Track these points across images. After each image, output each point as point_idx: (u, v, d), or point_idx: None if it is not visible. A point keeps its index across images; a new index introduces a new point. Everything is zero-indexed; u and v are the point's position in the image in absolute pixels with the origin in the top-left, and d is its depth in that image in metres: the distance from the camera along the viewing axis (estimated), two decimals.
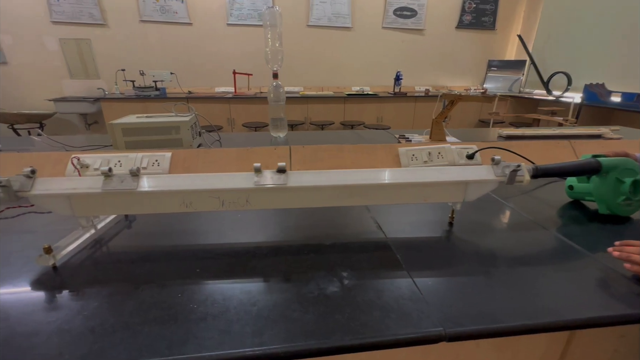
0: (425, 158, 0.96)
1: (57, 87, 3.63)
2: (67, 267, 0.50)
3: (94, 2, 3.50)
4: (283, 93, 1.39)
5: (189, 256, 0.54)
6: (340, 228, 0.64)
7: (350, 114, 3.89)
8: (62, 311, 0.41)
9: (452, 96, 1.27)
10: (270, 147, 0.95)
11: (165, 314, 0.40)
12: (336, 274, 0.48)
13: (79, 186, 0.53)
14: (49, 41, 3.54)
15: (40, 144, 1.20)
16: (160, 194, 0.53)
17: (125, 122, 1.04)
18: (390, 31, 4.25)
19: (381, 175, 0.57)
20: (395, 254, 0.54)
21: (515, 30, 4.49)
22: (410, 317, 0.40)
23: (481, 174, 0.60)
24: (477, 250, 0.56)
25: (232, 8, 3.79)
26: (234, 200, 0.56)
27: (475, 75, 4.68)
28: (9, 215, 0.67)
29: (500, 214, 0.72)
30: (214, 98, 3.61)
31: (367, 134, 1.50)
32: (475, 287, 0.46)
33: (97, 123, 3.87)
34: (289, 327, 0.38)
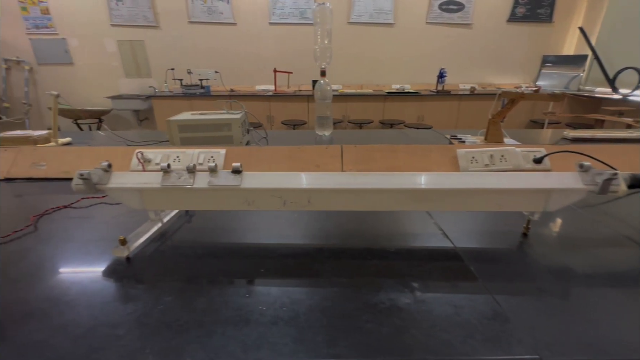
0: (486, 161, 0.89)
1: (114, 86, 3.92)
2: (138, 259, 0.52)
3: (149, 5, 3.72)
4: (330, 91, 1.37)
5: (251, 255, 0.53)
6: (402, 233, 0.60)
7: (389, 113, 3.80)
8: (139, 303, 0.42)
9: (513, 94, 1.18)
10: (322, 146, 0.93)
11: (236, 315, 0.40)
12: (406, 284, 0.45)
13: (150, 181, 0.54)
14: (108, 43, 3.83)
15: (103, 138, 1.29)
16: (227, 191, 0.53)
17: (181, 119, 1.08)
18: (435, 26, 4.07)
19: (452, 180, 0.53)
20: (467, 265, 0.50)
21: (576, 22, 4.11)
22: (497, 340, 0.36)
23: (567, 182, 0.53)
24: (561, 266, 0.50)
25: (274, 7, 3.84)
26: (296, 200, 0.55)
27: (527, 71, 4.35)
28: (83, 205, 0.72)
29: (583, 225, 0.64)
30: (254, 96, 3.70)
31: (414, 133, 1.44)
32: (565, 310, 0.41)
33: (147, 119, 4.13)
34: (364, 340, 0.36)
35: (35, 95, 3.98)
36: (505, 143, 1.20)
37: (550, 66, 4.22)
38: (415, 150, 0.93)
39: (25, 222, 0.64)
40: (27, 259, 0.52)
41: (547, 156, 0.89)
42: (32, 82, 3.93)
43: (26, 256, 0.52)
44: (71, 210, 0.70)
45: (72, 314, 0.40)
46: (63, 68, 3.89)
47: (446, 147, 0.94)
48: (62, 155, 0.93)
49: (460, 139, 1.26)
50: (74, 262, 0.51)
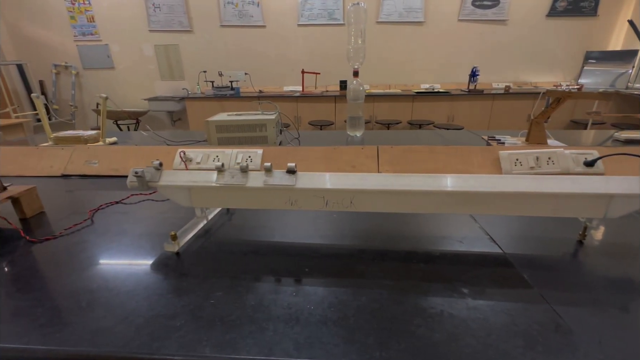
0: (532, 164, 0.85)
1: (150, 88, 4.12)
2: (187, 254, 0.54)
3: (183, 11, 3.88)
4: (362, 91, 1.36)
5: (294, 254, 0.54)
6: (446, 237, 0.59)
7: (418, 113, 3.71)
8: (192, 297, 0.43)
9: (559, 93, 1.12)
10: (357, 147, 0.93)
11: (285, 313, 0.40)
12: (455, 289, 0.44)
13: (198, 179, 0.56)
14: (146, 48, 4.03)
15: (145, 138, 1.36)
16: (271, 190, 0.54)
17: (219, 120, 1.11)
18: (468, 24, 3.94)
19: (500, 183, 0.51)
20: (519, 272, 0.48)
21: (625, 15, 3.81)
22: (560, 352, 0.34)
23: (631, 187, 0.50)
24: (622, 277, 0.47)
25: (303, 9, 3.88)
26: (339, 201, 0.55)
27: (568, 69, 4.10)
28: (132, 202, 0.76)
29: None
30: (282, 97, 3.75)
31: (447, 134, 1.40)
32: (631, 323, 0.38)
33: (180, 120, 4.31)
34: (416, 345, 0.35)
35: (81, 97, 4.27)
36: (549, 145, 1.14)
37: (594, 63, 3.95)
38: (454, 152, 0.90)
39: (83, 216, 0.68)
40: (88, 250, 0.55)
41: (601, 159, 0.84)
42: (77, 85, 4.21)
43: (86, 248, 0.56)
44: (122, 206, 0.74)
45: (133, 304, 0.42)
46: (105, 72, 4.14)
47: (487, 149, 0.90)
48: (111, 154, 0.99)
49: (499, 140, 1.21)
50: (128, 255, 0.54)
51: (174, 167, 0.92)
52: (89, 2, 3.83)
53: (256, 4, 3.86)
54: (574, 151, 0.87)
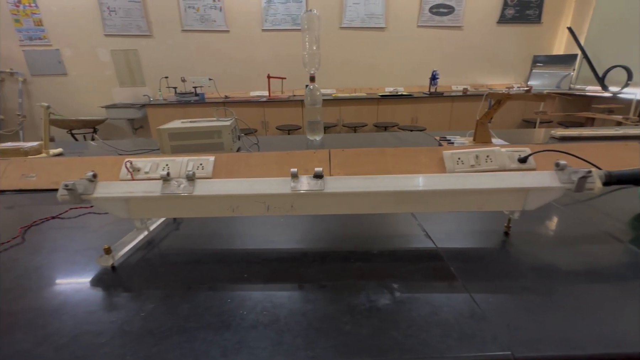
0: (472, 162, 0.91)
1: (108, 95, 3.92)
2: (124, 267, 0.53)
3: (141, 15, 3.75)
4: (320, 96, 1.39)
5: (236, 260, 0.54)
6: (387, 235, 0.61)
7: (383, 115, 3.83)
8: (122, 311, 0.42)
9: (499, 95, 1.20)
10: (310, 151, 0.94)
11: (218, 320, 0.40)
12: (387, 286, 0.46)
13: (136, 190, 0.55)
14: (102, 53, 3.85)
15: (95, 148, 1.30)
16: (212, 198, 0.54)
17: (172, 127, 1.09)
18: (426, 29, 4.12)
19: (432, 182, 0.54)
20: (448, 265, 0.51)
21: (565, 22, 4.17)
22: (473, 338, 0.37)
23: (544, 181, 0.54)
24: (540, 264, 0.51)
25: (267, 14, 3.88)
26: (279, 206, 0.56)
27: (519, 72, 4.41)
28: (72, 215, 0.72)
29: (563, 223, 0.66)
30: (249, 102, 3.71)
31: (405, 136, 1.46)
32: (543, 306, 0.42)
33: (142, 128, 4.14)
34: (343, 341, 0.37)
35: (30, 106, 3.98)
36: (493, 143, 1.21)
37: (541, 66, 4.27)
38: (402, 153, 0.94)
39: (13, 234, 0.64)
40: (14, 270, 0.52)
41: (531, 155, 0.91)
42: (26, 93, 3.93)
43: (13, 268, 0.53)
44: (59, 221, 0.70)
45: (57, 324, 0.40)
46: (57, 78, 3.89)
47: (433, 149, 0.95)
48: (52, 166, 0.94)
49: (450, 141, 1.28)
50: (60, 272, 0.52)
51: (120, 178, 0.89)
52: (36, 5, 3.60)
53: (219, 8, 3.81)
54: (509, 149, 0.94)
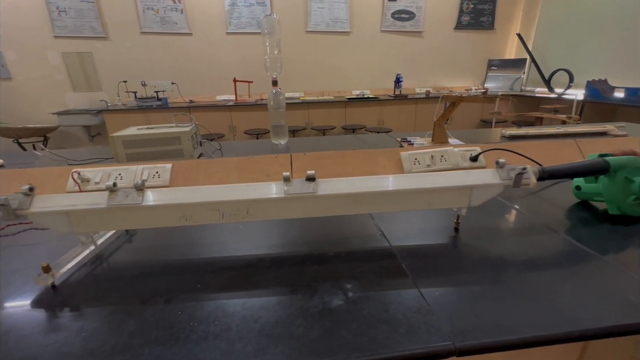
0: (428, 162, 0.95)
1: (60, 101, 3.67)
2: (66, 286, 0.49)
3: (95, 16, 3.55)
4: (283, 100, 1.39)
5: (189, 270, 0.53)
6: (344, 237, 0.62)
7: (351, 118, 3.89)
8: (62, 333, 0.40)
9: (453, 97, 1.26)
10: (271, 156, 0.94)
11: (166, 334, 0.39)
12: (341, 286, 0.47)
13: (79, 202, 0.52)
14: (51, 55, 3.59)
15: (43, 159, 1.21)
16: (161, 208, 0.52)
17: (126, 134, 1.04)
18: (389, 34, 4.26)
19: (383, 183, 0.56)
20: (400, 262, 0.53)
21: (515, 29, 4.48)
22: (418, 332, 0.38)
23: (486, 179, 0.58)
24: (485, 256, 0.55)
25: (231, 17, 3.82)
26: (234, 212, 0.55)
27: (476, 75, 4.67)
28: (9, 233, 0.67)
29: (507, 217, 0.70)
30: (215, 106, 3.63)
31: (370, 138, 1.49)
32: (485, 296, 0.45)
33: (100, 135, 3.91)
34: (293, 345, 0.37)
35: None
36: (450, 143, 1.28)
37: (496, 69, 4.56)
38: (362, 155, 0.97)
39: None
40: None
41: (481, 154, 0.96)
42: None
43: None
44: None
45: None
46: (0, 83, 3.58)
47: (391, 151, 0.98)
48: None
49: (410, 142, 1.32)
50: None
51: (67, 190, 0.83)
52: None
53: (180, 10, 3.69)
54: (462, 149, 0.99)
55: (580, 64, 3.53)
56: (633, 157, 0.66)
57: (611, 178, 0.65)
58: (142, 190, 0.53)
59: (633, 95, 2.77)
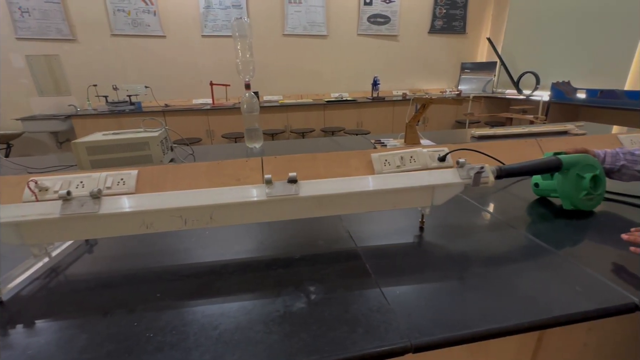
0: (397, 163, 0.97)
1: (25, 106, 3.48)
2: (15, 301, 0.47)
3: (62, 18, 3.40)
4: (256, 103, 1.38)
5: (151, 280, 0.51)
6: (311, 240, 0.62)
7: (330, 121, 3.91)
8: (4, 352, 0.38)
9: (423, 100, 1.29)
10: (242, 160, 0.93)
11: (120, 347, 0.38)
12: (304, 289, 0.47)
13: (30, 212, 0.50)
14: (14, 58, 3.41)
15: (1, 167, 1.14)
16: (120, 216, 0.50)
17: (90, 141, 1.00)
18: (366, 38, 4.32)
19: (348, 184, 0.57)
20: (364, 263, 0.54)
21: (485, 33, 4.66)
22: (377, 331, 0.39)
23: (447, 178, 0.60)
24: (447, 254, 0.56)
25: (206, 19, 3.76)
26: (197, 218, 0.54)
27: (450, 77, 4.81)
28: None
29: (471, 215, 0.73)
30: (191, 110, 3.55)
31: (345, 140, 1.50)
32: (444, 293, 0.46)
33: (69, 141, 3.73)
34: (251, 351, 0.37)
35: None
36: (422, 144, 1.31)
37: (468, 72, 4.71)
38: (334, 157, 0.97)
39: None
40: None
41: (448, 154, 0.99)
42: None
43: None
44: None
45: None
46: None
47: (363, 152, 1.00)
48: None
49: (383, 143, 1.35)
50: None
51: (23, 200, 0.79)
52: None
53: (152, 12, 3.60)
54: (430, 149, 1.02)
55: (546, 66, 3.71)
56: (584, 154, 0.70)
57: (564, 175, 0.69)
58: (99, 198, 0.51)
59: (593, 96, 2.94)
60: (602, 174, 0.69)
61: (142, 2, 3.53)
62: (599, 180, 0.68)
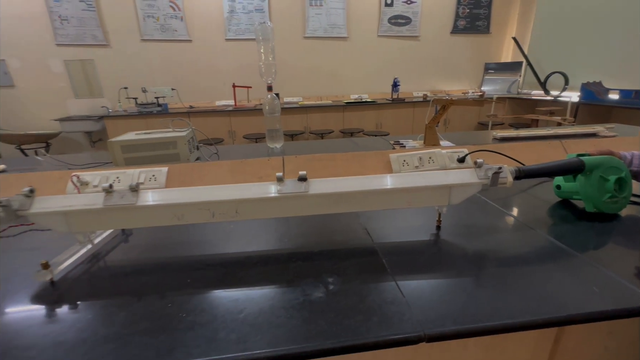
0: (416, 163, 0.98)
1: (62, 107, 3.72)
2: (64, 282, 0.52)
3: (97, 24, 3.61)
4: (278, 105, 1.42)
5: (181, 267, 0.55)
6: (329, 235, 0.65)
7: (349, 122, 3.93)
8: (58, 324, 0.42)
9: (443, 101, 1.29)
10: (264, 159, 0.97)
11: (155, 325, 0.42)
12: (322, 281, 0.50)
13: (76, 203, 0.55)
14: (54, 63, 3.65)
15: (44, 164, 1.24)
16: (154, 208, 0.55)
17: (124, 140, 1.07)
18: (386, 39, 4.31)
19: (366, 182, 0.59)
20: (381, 258, 0.55)
21: (510, 32, 4.53)
22: (391, 320, 0.41)
23: (464, 178, 0.61)
24: (464, 252, 0.57)
25: (230, 23, 3.88)
26: (224, 212, 0.58)
27: (473, 78, 4.70)
28: (11, 234, 0.70)
29: (489, 216, 0.73)
30: (214, 112, 3.67)
31: (364, 141, 1.52)
32: (459, 289, 0.47)
33: (101, 140, 3.96)
34: (273, 333, 0.40)
35: None
36: (441, 145, 1.30)
37: (492, 72, 4.59)
38: (352, 157, 1.00)
39: None
40: None
41: (468, 155, 0.99)
42: None
43: None
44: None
45: None
46: (2, 91, 3.64)
47: (381, 153, 1.01)
48: None
49: (402, 144, 1.35)
50: None
51: (67, 193, 0.86)
52: None
53: (179, 18, 3.76)
54: (449, 150, 1.02)
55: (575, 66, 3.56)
56: (609, 156, 0.69)
57: (587, 177, 0.68)
58: (137, 191, 0.56)
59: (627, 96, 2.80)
60: (628, 177, 0.68)
61: (171, 8, 3.69)
62: (625, 183, 0.67)
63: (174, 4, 3.70)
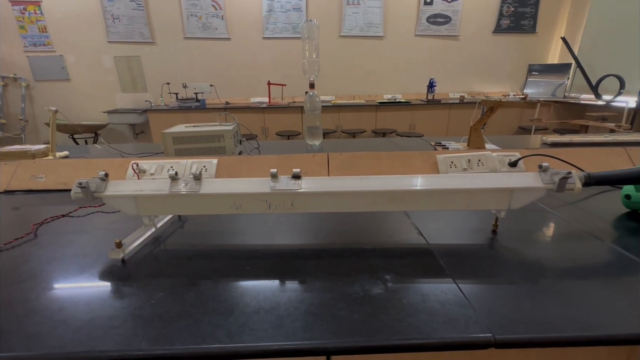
0: (464, 165, 0.95)
1: (110, 100, 3.98)
2: (133, 261, 0.56)
3: (145, 23, 3.82)
4: (319, 102, 1.43)
5: (238, 255, 0.57)
6: (380, 233, 0.65)
7: (382, 122, 3.88)
8: (133, 299, 0.45)
9: (491, 102, 1.24)
10: (309, 154, 0.98)
11: (222, 306, 0.43)
12: (379, 277, 0.49)
13: (145, 188, 0.59)
14: (105, 59, 3.91)
15: (99, 151, 1.33)
16: (216, 197, 0.57)
17: (176, 131, 1.13)
18: (423, 38, 4.21)
19: (424, 182, 0.58)
20: (438, 260, 0.54)
21: (559, 32, 4.26)
22: (457, 322, 0.40)
23: (528, 182, 0.58)
24: (524, 259, 0.55)
25: (267, 22, 3.96)
26: (280, 204, 0.59)
27: (515, 80, 4.48)
28: (81, 214, 0.76)
29: (549, 223, 0.69)
30: (249, 108, 3.77)
31: (402, 141, 1.50)
32: (524, 296, 0.45)
33: (143, 133, 4.18)
34: (337, 324, 0.40)
35: (32, 111, 4.03)
36: (486, 148, 1.25)
37: (536, 75, 4.34)
38: (397, 157, 0.98)
39: (26, 230, 0.67)
40: (29, 263, 0.55)
41: (521, 159, 0.95)
42: (28, 98, 3.98)
43: (28, 260, 0.56)
44: (69, 219, 0.73)
45: (72, 310, 0.43)
46: (60, 84, 3.95)
47: (427, 153, 0.99)
48: (60, 168, 0.97)
49: (444, 146, 1.32)
50: (71, 264, 0.55)
51: (127, 179, 0.92)
52: (41, 12, 3.67)
53: (220, 17, 3.89)
54: (500, 153, 0.98)
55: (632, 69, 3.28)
56: None
57: None
58: (200, 180, 0.59)
59: None
60: None
61: (212, 7, 3.83)
62: None
63: (215, 3, 3.83)
